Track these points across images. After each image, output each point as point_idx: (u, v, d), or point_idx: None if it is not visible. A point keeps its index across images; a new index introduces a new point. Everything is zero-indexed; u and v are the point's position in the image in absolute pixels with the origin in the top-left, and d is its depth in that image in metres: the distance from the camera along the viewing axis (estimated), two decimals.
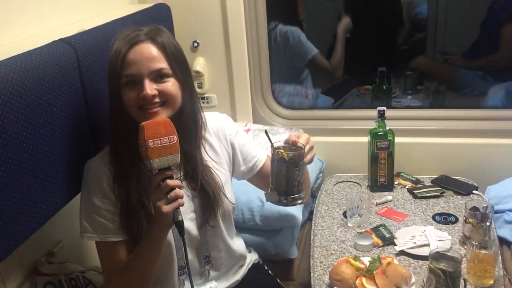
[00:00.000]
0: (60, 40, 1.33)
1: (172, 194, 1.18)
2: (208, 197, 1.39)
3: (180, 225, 1.21)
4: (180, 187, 1.20)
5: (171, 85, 1.28)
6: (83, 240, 1.35)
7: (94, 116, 1.41)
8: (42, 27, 1.50)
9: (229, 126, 1.51)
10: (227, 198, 1.45)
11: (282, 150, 1.27)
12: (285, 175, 1.27)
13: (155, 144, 1.16)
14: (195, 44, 2.20)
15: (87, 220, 1.32)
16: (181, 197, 1.20)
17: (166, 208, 1.17)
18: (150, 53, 1.26)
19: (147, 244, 1.27)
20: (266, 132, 1.37)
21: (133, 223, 1.31)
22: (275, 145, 1.30)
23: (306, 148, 1.30)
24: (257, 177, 1.57)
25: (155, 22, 1.86)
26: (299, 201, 1.31)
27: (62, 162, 1.29)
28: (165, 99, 1.27)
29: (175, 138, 1.19)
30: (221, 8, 2.12)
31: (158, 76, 1.26)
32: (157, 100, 1.26)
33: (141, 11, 1.82)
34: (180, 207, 1.21)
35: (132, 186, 1.31)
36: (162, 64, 1.26)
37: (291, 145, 1.30)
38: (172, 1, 2.08)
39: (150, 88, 1.24)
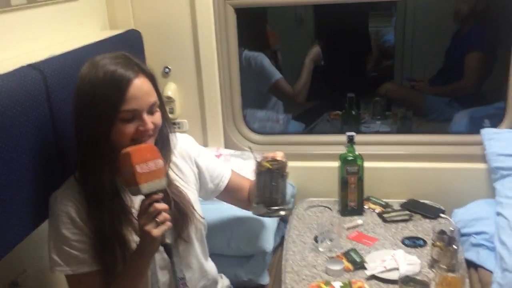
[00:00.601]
0: (29, 65, 1.32)
1: (161, 217, 1.18)
2: (179, 213, 1.38)
3: (168, 248, 1.23)
4: (167, 210, 1.21)
5: (158, 116, 1.31)
6: (55, 274, 1.30)
7: (62, 143, 1.39)
8: (10, 52, 1.48)
9: (191, 147, 1.55)
10: (197, 213, 1.45)
11: (267, 163, 1.35)
12: (269, 187, 1.37)
13: (143, 169, 1.17)
14: (166, 70, 2.21)
15: (58, 253, 1.28)
16: (169, 220, 1.20)
17: (156, 232, 1.17)
18: (147, 87, 1.27)
19: (133, 271, 1.26)
20: (250, 148, 1.49)
21: (107, 253, 1.28)
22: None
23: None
24: (225, 193, 1.63)
25: (126, 48, 1.86)
26: (284, 212, 1.42)
27: (29, 189, 1.27)
28: (154, 131, 1.30)
29: (160, 162, 1.21)
30: (192, 34, 2.14)
31: (151, 110, 1.28)
32: (149, 133, 1.28)
33: (112, 37, 1.82)
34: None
35: (105, 215, 1.28)
36: (154, 97, 1.29)
37: (271, 159, 1.39)
38: (143, 27, 2.09)
39: (149, 121, 1.26)
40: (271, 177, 1.36)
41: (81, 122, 1.27)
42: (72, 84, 1.41)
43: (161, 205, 1.19)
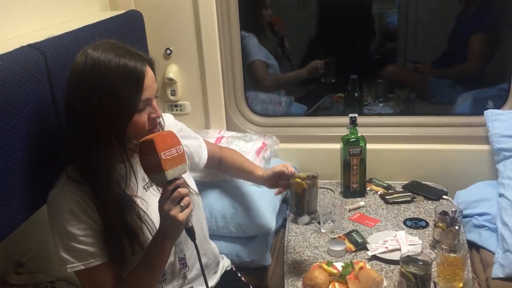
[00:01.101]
0: (29, 45, 1.31)
1: (184, 201, 1.21)
2: None
3: (191, 231, 1.26)
4: (188, 194, 1.23)
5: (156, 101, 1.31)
6: (67, 272, 1.28)
7: (63, 123, 1.38)
8: (10, 32, 1.47)
9: (175, 125, 1.56)
10: (191, 189, 1.45)
11: (303, 182, 1.56)
12: (307, 200, 1.57)
13: (166, 156, 1.19)
14: (168, 51, 2.19)
15: (66, 251, 1.25)
16: (190, 204, 1.23)
17: (182, 215, 1.20)
18: (153, 75, 1.28)
19: (158, 255, 1.27)
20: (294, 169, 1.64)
21: (114, 244, 1.28)
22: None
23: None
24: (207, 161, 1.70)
25: (127, 29, 1.86)
26: (317, 218, 1.63)
27: (30, 169, 1.26)
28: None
29: (181, 147, 1.23)
30: (193, 15, 2.12)
31: (156, 95, 1.30)
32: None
33: (112, 18, 1.81)
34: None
35: (109, 206, 1.26)
36: (156, 83, 1.29)
37: (300, 175, 1.59)
38: (144, 7, 2.07)
39: (158, 108, 1.28)
40: (307, 192, 1.56)
41: (93, 117, 1.21)
42: None
43: (184, 190, 1.22)
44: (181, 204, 1.21)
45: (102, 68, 1.19)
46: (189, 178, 1.51)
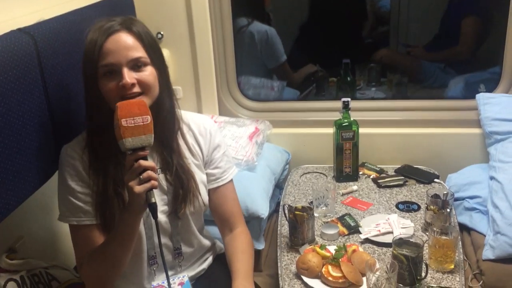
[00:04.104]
0: (19, 29, 1.29)
1: (144, 175, 1.17)
2: (182, 186, 1.39)
3: (153, 207, 1.21)
4: (154, 169, 1.20)
5: (149, 73, 1.29)
6: (63, 222, 1.36)
7: (55, 108, 1.38)
8: None
9: (215, 136, 1.49)
10: (201, 197, 1.43)
11: (305, 214, 1.66)
12: (309, 228, 1.69)
13: (128, 124, 1.17)
14: (159, 36, 2.17)
15: (64, 203, 1.34)
16: (155, 179, 1.19)
17: (138, 188, 1.17)
18: (127, 42, 1.26)
19: (120, 228, 1.27)
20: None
21: (106, 211, 1.32)
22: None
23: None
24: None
25: (117, 12, 1.83)
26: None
27: (22, 155, 1.25)
28: (143, 88, 1.28)
29: (148, 118, 1.19)
30: None
31: (136, 65, 1.27)
32: (136, 89, 1.27)
33: (103, 1, 1.78)
34: (155, 196, 1.21)
35: (109, 175, 1.32)
36: (139, 52, 1.28)
37: (296, 207, 1.68)
38: None
39: (130, 76, 1.25)
40: (306, 222, 1.66)
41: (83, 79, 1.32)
42: (63, 48, 1.40)
43: (147, 163, 1.18)
44: (141, 177, 1.17)
45: (85, 35, 1.29)
46: (201, 183, 1.45)
